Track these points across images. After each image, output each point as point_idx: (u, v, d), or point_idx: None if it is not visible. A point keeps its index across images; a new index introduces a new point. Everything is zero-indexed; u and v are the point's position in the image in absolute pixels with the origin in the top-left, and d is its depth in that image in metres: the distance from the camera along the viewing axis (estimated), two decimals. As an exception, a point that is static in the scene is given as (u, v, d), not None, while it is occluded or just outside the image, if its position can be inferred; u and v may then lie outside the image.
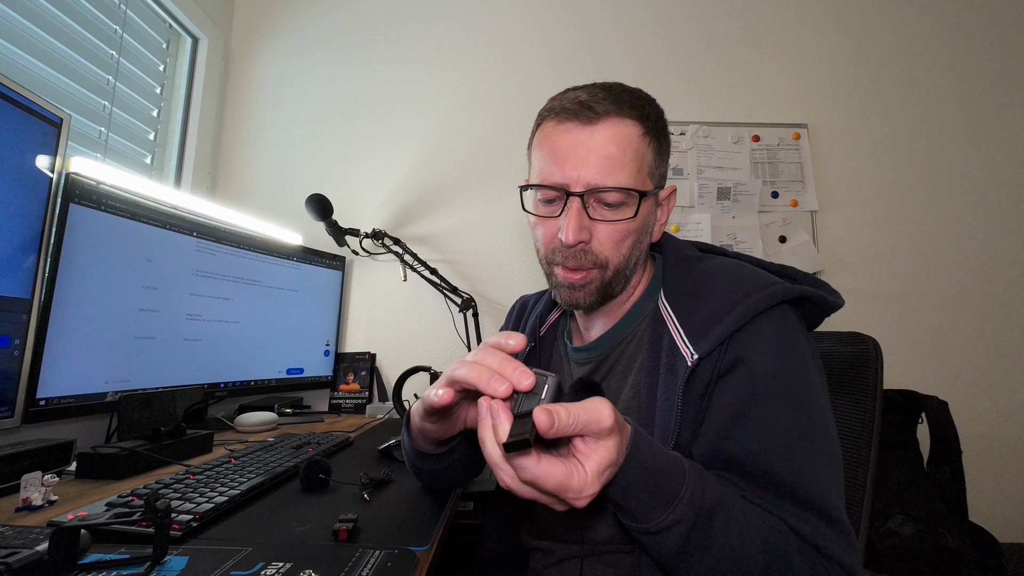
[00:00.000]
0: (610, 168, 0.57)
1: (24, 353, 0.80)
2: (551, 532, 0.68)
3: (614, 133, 0.58)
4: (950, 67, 1.75)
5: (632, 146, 0.59)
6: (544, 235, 0.63)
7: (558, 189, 0.59)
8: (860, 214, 1.69)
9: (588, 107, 0.58)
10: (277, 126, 1.72)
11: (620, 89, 0.62)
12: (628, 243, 0.61)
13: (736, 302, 0.55)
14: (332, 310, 1.59)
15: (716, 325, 0.55)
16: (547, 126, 0.62)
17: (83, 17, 1.18)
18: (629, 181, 0.58)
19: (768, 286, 0.56)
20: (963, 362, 1.61)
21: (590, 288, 0.62)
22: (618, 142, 0.58)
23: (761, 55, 1.76)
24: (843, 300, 0.59)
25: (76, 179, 0.90)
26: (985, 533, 1.15)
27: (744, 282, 0.58)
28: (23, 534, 0.48)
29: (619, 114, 0.59)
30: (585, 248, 0.60)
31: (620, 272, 0.62)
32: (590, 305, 0.64)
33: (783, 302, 0.56)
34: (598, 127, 0.58)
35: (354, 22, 1.77)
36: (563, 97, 0.62)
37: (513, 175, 1.70)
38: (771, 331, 0.54)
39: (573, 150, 0.59)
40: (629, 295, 0.68)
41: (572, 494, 0.39)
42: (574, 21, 1.77)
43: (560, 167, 0.59)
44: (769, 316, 0.55)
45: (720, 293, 0.58)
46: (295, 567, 0.47)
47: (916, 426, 1.27)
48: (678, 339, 0.57)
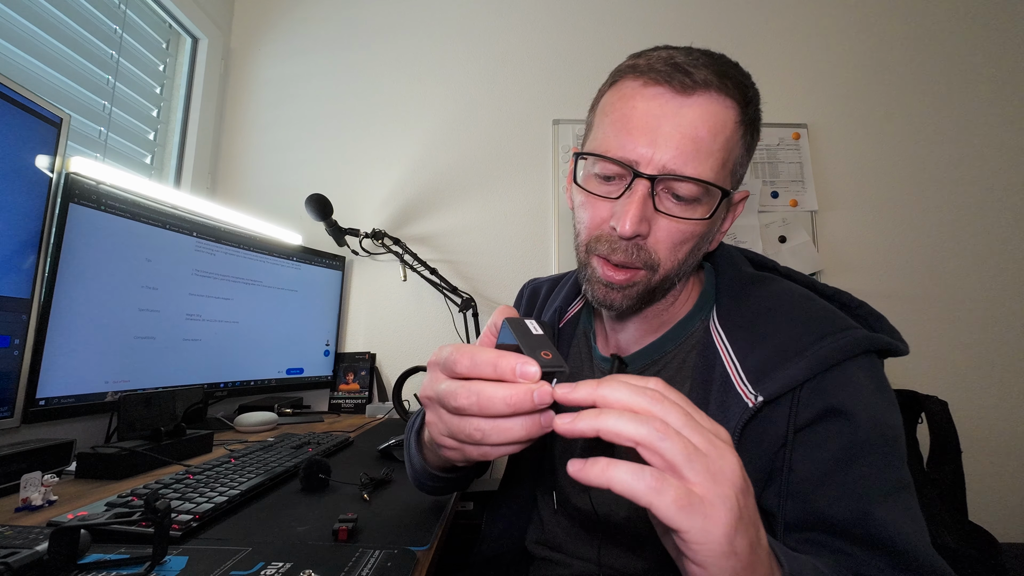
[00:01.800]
0: (695, 153, 0.47)
1: (24, 353, 0.80)
2: (563, 545, 0.65)
3: (709, 111, 0.48)
4: (950, 67, 1.75)
5: (725, 132, 0.49)
6: (591, 218, 0.53)
7: (625, 166, 0.49)
8: (860, 214, 1.69)
9: (684, 71, 0.47)
10: (277, 126, 1.72)
11: (725, 60, 0.51)
12: (687, 247, 0.52)
13: (809, 344, 0.49)
14: (332, 310, 1.59)
15: (784, 367, 0.48)
16: (625, 85, 0.51)
17: (83, 17, 1.17)
18: (712, 174, 0.48)
19: (842, 329, 0.50)
20: (963, 362, 1.60)
21: (631, 291, 0.53)
22: (711, 124, 0.48)
23: (761, 55, 1.76)
24: (908, 348, 0.52)
25: (76, 179, 0.90)
26: (985, 533, 1.15)
27: (818, 321, 0.51)
28: (23, 534, 0.48)
29: (721, 89, 0.48)
30: (640, 244, 0.51)
31: (669, 277, 0.53)
32: (627, 309, 0.55)
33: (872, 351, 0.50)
34: (692, 100, 0.48)
35: (354, 22, 1.77)
36: (650, 55, 0.51)
37: (513, 175, 1.70)
38: (866, 379, 0.49)
39: (655, 122, 0.48)
40: (669, 304, 0.60)
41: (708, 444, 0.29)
42: (574, 22, 1.77)
43: (633, 139, 0.48)
44: (859, 363, 0.49)
45: (787, 330, 0.51)
46: (295, 567, 0.47)
47: (916, 426, 1.26)
48: (733, 374, 0.51)
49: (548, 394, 0.32)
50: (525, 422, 0.33)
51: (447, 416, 0.36)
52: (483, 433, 0.34)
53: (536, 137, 1.71)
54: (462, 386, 0.34)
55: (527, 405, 0.32)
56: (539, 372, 0.33)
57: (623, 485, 0.28)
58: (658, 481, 0.28)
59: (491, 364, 0.34)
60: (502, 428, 0.33)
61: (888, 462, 0.47)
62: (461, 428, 0.35)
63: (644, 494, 0.27)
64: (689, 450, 0.28)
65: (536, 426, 0.33)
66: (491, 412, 0.33)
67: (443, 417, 0.36)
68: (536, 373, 0.33)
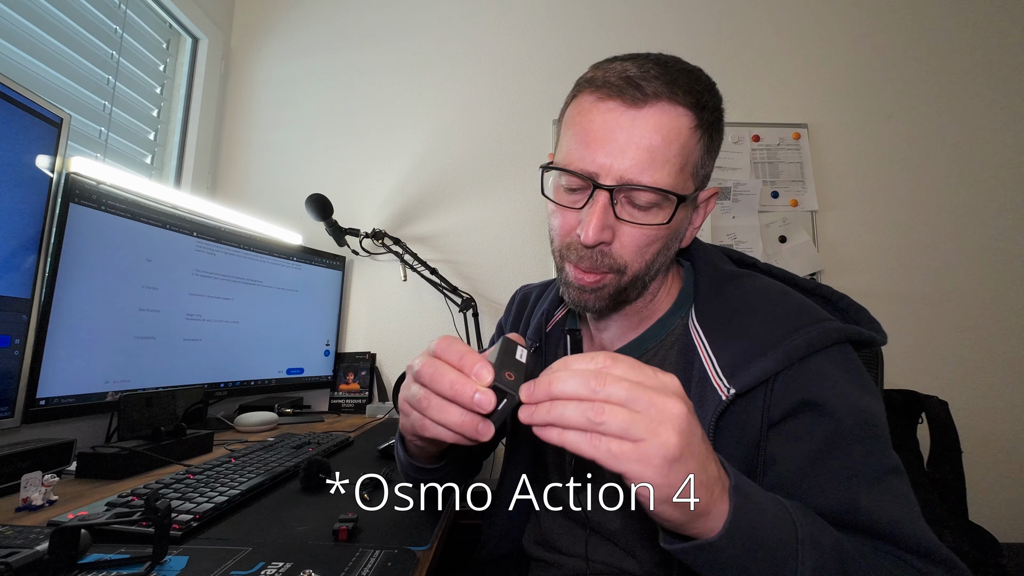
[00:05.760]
0: (650, 163, 0.50)
1: (24, 353, 0.80)
2: (556, 542, 0.65)
3: (662, 121, 0.50)
4: (950, 67, 1.75)
5: (679, 140, 0.51)
6: (561, 227, 0.56)
7: (585, 178, 0.51)
8: (860, 214, 1.69)
9: (636, 85, 0.50)
10: (277, 126, 1.72)
11: (677, 67, 0.52)
12: (654, 249, 0.54)
13: (781, 337, 0.50)
14: (332, 310, 1.59)
15: (757, 361, 0.49)
16: (583, 100, 0.53)
17: (83, 17, 1.17)
18: (668, 181, 0.50)
19: (815, 321, 0.51)
20: (963, 362, 1.60)
21: (602, 293, 0.55)
22: (664, 133, 0.50)
23: (761, 55, 1.76)
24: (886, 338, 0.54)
25: (76, 179, 0.90)
26: (985, 533, 1.15)
27: (791, 315, 0.52)
28: (23, 534, 0.48)
29: (671, 99, 0.50)
30: (604, 250, 0.53)
31: (639, 279, 0.56)
32: (600, 310, 0.58)
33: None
34: (644, 112, 0.50)
35: (355, 22, 1.77)
36: (607, 67, 0.53)
37: (513, 175, 1.70)
38: (838, 370, 0.50)
39: (610, 135, 0.50)
40: (647, 303, 0.61)
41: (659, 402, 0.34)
42: (574, 21, 1.77)
43: (591, 152, 0.51)
44: (830, 355, 0.50)
45: (761, 324, 0.52)
46: (295, 567, 0.47)
47: (916, 426, 1.26)
48: (710, 369, 0.52)
49: (488, 403, 0.37)
50: (462, 415, 0.39)
51: (412, 384, 0.42)
52: (427, 404, 0.40)
53: (536, 137, 1.71)
54: (429, 360, 0.40)
55: (465, 397, 0.38)
56: (491, 380, 0.38)
57: (573, 445, 0.34)
58: (595, 439, 0.34)
59: (459, 354, 0.40)
60: (441, 406, 0.40)
61: (870, 449, 0.47)
62: (415, 395, 0.41)
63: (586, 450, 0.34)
64: (626, 420, 0.33)
65: (471, 425, 0.39)
66: (437, 388, 0.39)
67: (409, 384, 0.43)
68: (488, 379, 0.38)
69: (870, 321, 0.56)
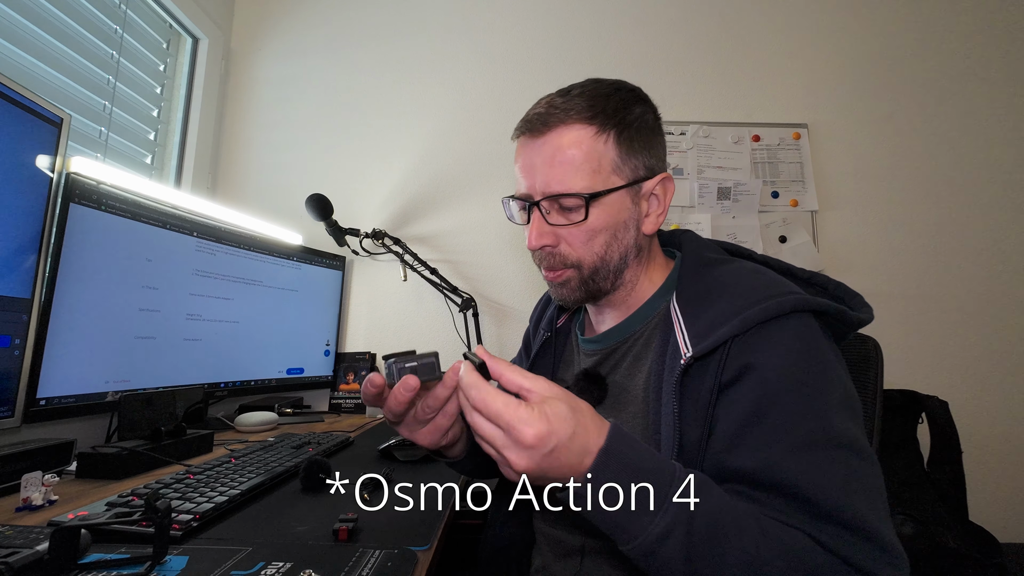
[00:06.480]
0: (561, 175, 0.59)
1: (24, 353, 0.80)
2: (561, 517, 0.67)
3: (562, 140, 0.60)
4: (951, 67, 1.75)
5: (582, 148, 0.59)
6: (527, 242, 0.66)
7: (522, 199, 0.65)
8: (860, 214, 1.69)
9: (539, 119, 0.61)
10: (277, 126, 1.72)
11: (576, 91, 0.62)
12: (599, 241, 0.62)
13: (742, 307, 0.53)
14: (332, 310, 1.59)
15: (718, 328, 0.52)
16: (516, 143, 0.67)
17: (83, 17, 1.18)
18: (580, 185, 0.59)
19: (780, 295, 0.53)
20: (963, 362, 1.60)
21: (570, 286, 0.64)
22: (564, 148, 0.59)
23: (761, 55, 1.76)
24: (871, 315, 0.56)
25: (76, 179, 0.90)
26: (985, 533, 1.15)
27: (757, 289, 0.55)
28: (23, 534, 0.48)
29: (564, 122, 0.60)
30: (553, 251, 0.63)
31: (600, 269, 0.63)
32: (577, 300, 0.66)
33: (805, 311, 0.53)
34: (546, 137, 0.61)
35: (355, 23, 1.77)
36: (529, 110, 0.65)
37: (513, 175, 1.69)
38: (785, 336, 0.51)
39: (529, 161, 0.63)
40: (629, 292, 0.67)
41: (515, 432, 0.40)
42: (574, 21, 1.77)
43: (524, 179, 0.64)
44: (785, 322, 0.52)
45: (729, 298, 0.55)
46: (295, 567, 0.47)
47: (916, 426, 1.27)
48: (681, 341, 0.56)
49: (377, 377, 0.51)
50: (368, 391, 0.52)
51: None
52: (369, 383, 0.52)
53: (536, 137, 1.70)
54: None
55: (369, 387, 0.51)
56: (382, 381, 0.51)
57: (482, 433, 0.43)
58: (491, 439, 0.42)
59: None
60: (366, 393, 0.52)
61: (803, 414, 0.47)
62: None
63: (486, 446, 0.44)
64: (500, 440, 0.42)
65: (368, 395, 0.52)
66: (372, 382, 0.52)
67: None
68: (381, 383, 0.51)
69: (852, 295, 0.59)
